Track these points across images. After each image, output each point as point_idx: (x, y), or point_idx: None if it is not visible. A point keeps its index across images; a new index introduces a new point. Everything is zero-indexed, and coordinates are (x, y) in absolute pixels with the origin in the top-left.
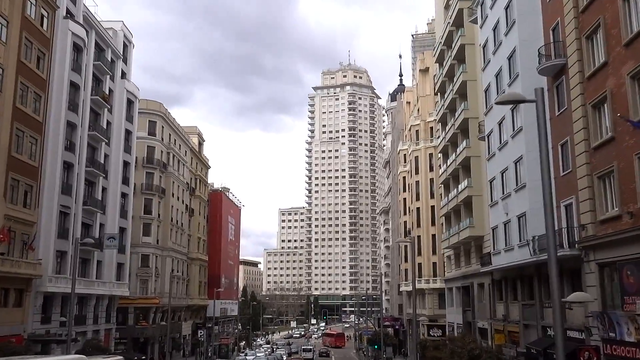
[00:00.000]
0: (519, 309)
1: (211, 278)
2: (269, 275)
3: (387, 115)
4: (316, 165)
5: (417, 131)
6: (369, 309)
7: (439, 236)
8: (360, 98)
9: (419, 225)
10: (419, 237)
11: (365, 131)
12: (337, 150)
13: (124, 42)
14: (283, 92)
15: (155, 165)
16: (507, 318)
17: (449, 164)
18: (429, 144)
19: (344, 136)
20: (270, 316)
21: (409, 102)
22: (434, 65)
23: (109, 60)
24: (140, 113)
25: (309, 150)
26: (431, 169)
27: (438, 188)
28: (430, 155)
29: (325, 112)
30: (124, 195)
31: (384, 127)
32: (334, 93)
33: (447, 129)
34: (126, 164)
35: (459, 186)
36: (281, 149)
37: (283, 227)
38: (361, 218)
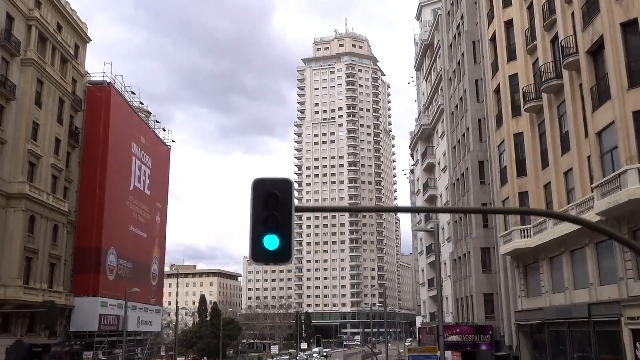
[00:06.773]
0: None
1: (81, 252)
2: (249, 290)
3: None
4: (307, 152)
5: None
6: (391, 329)
7: None
8: (360, 70)
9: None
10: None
11: (368, 110)
12: (332, 134)
13: None
14: (266, 112)
15: None
16: None
17: None
18: None
19: (341, 116)
20: (245, 341)
21: None
22: None
23: None
24: None
25: (298, 135)
26: None
27: None
28: None
29: (318, 88)
30: None
31: (389, 102)
32: (329, 65)
33: None
34: None
35: None
36: (266, 172)
37: None
38: (364, 216)
